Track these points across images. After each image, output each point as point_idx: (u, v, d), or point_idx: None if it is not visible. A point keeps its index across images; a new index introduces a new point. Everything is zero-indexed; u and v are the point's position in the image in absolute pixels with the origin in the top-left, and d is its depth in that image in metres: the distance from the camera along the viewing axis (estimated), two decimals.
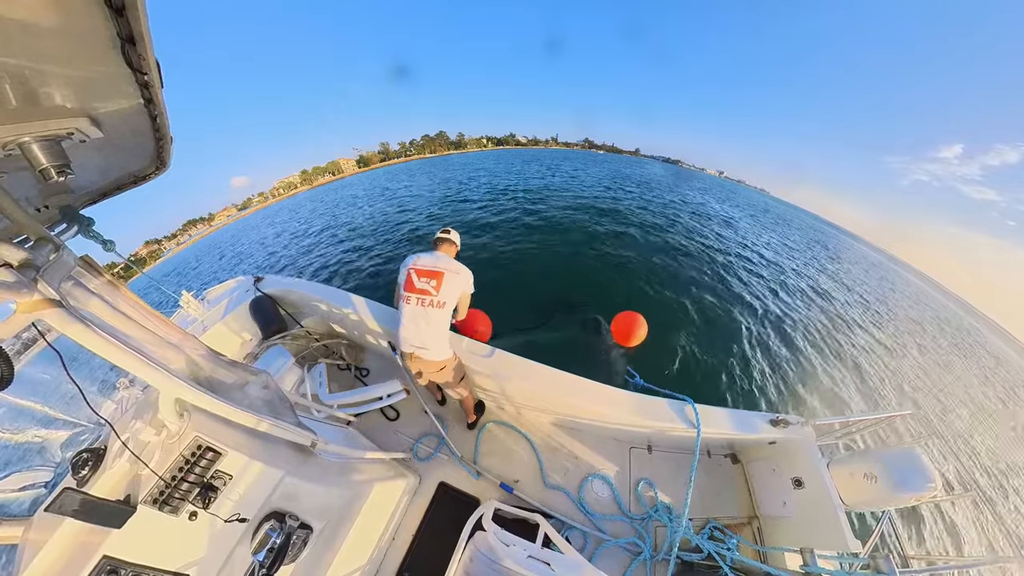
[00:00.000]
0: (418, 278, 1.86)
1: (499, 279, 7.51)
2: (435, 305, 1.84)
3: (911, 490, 1.59)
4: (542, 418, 2.52)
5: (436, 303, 1.84)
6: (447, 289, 1.85)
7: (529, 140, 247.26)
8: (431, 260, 1.90)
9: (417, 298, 1.85)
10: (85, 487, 1.15)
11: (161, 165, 1.22)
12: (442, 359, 1.94)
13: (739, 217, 23.43)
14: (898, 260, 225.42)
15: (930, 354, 13.70)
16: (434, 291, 1.84)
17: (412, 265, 1.90)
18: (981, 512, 5.81)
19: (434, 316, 1.86)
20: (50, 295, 0.75)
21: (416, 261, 1.91)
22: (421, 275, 1.86)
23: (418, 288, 1.85)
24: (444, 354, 1.94)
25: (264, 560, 1.09)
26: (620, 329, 2.76)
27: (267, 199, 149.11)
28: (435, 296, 1.84)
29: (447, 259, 1.93)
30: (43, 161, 0.66)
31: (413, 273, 1.87)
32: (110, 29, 0.54)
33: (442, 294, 1.84)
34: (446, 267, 1.87)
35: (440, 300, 1.84)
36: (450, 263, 1.91)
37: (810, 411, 6.02)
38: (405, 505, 2.09)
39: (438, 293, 1.84)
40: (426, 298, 1.84)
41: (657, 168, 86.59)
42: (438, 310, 1.85)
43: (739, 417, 2.08)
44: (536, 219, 12.20)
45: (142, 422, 1.25)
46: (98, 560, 0.97)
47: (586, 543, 2.04)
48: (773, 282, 11.28)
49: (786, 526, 2.01)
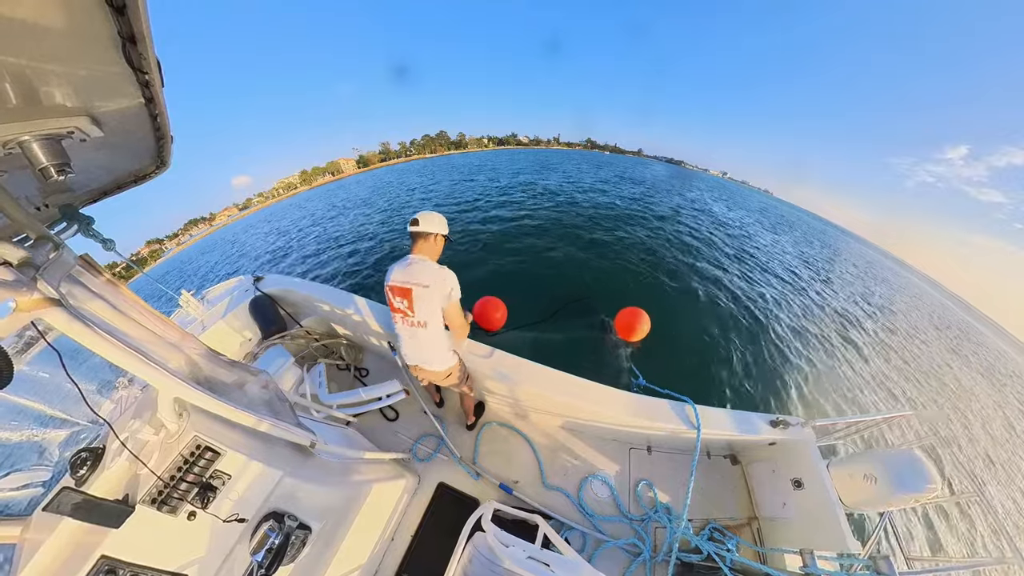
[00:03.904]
0: (394, 296, 1.68)
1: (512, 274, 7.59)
2: (417, 325, 1.69)
3: (911, 491, 1.58)
4: (541, 419, 2.52)
5: (417, 323, 1.69)
6: (421, 307, 1.64)
7: (531, 140, 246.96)
8: (402, 273, 1.65)
9: (401, 317, 1.72)
10: (83, 486, 1.14)
11: (161, 164, 1.22)
12: (446, 368, 1.89)
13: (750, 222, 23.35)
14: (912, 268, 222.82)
15: (934, 355, 13.72)
16: (409, 311, 1.66)
17: (388, 281, 1.70)
18: (981, 513, 5.80)
19: (422, 335, 1.72)
20: (50, 294, 0.75)
21: (391, 274, 1.68)
22: (395, 293, 1.67)
23: (397, 308, 1.69)
24: (447, 363, 1.88)
25: (263, 560, 1.09)
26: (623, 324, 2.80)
27: (267, 199, 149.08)
28: (412, 316, 1.67)
29: (420, 266, 1.64)
30: (43, 160, 0.66)
31: (389, 291, 1.70)
32: (111, 28, 0.54)
33: (418, 314, 1.66)
34: (415, 281, 1.62)
35: (419, 320, 1.67)
36: (421, 273, 1.62)
37: (810, 412, 6.02)
38: (404, 505, 2.08)
39: (414, 313, 1.66)
40: (406, 318, 1.70)
41: (660, 169, 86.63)
42: (422, 329, 1.70)
43: (739, 418, 2.08)
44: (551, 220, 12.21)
45: (141, 421, 1.25)
46: (96, 560, 0.97)
47: (585, 544, 2.03)
48: (782, 284, 11.29)
49: (786, 527, 2.01)
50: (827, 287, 14.76)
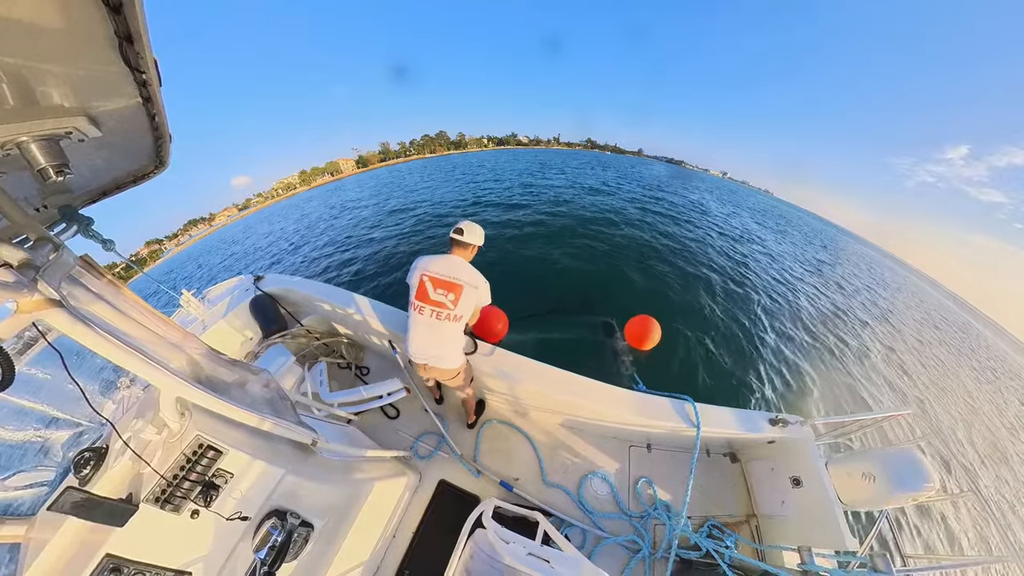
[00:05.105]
0: (434, 288, 1.70)
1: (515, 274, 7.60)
2: (451, 319, 1.73)
3: (909, 489, 1.59)
4: (542, 416, 2.53)
5: (453, 316, 1.72)
6: (465, 303, 1.72)
7: (531, 140, 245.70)
8: (447, 267, 1.73)
9: (432, 310, 1.71)
10: (87, 486, 1.15)
11: (160, 164, 1.21)
12: (456, 366, 1.89)
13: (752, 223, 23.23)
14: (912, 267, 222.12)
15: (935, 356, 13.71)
16: (451, 305, 1.70)
17: (425, 271, 1.73)
18: (978, 511, 5.82)
19: (448, 329, 1.75)
20: (50, 295, 0.75)
21: (430, 266, 1.73)
22: (437, 285, 1.70)
23: (433, 299, 1.71)
24: (458, 361, 1.89)
25: (266, 558, 1.09)
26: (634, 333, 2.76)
27: (267, 199, 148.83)
28: (452, 310, 1.71)
29: (464, 267, 1.75)
30: (41, 161, 0.66)
31: (428, 281, 1.71)
32: (108, 28, 0.54)
33: (459, 308, 1.71)
34: (467, 279, 1.71)
35: (457, 314, 1.72)
36: (470, 274, 1.74)
37: (809, 411, 6.03)
38: (406, 503, 2.10)
39: (455, 307, 1.70)
40: (442, 311, 1.71)
41: (660, 168, 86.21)
42: (454, 323, 1.74)
43: (738, 416, 2.08)
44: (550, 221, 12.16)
45: (143, 421, 1.26)
46: (101, 558, 0.98)
47: (585, 541, 2.04)
48: (783, 285, 11.28)
49: (784, 525, 2.02)
50: (829, 288, 14.75)
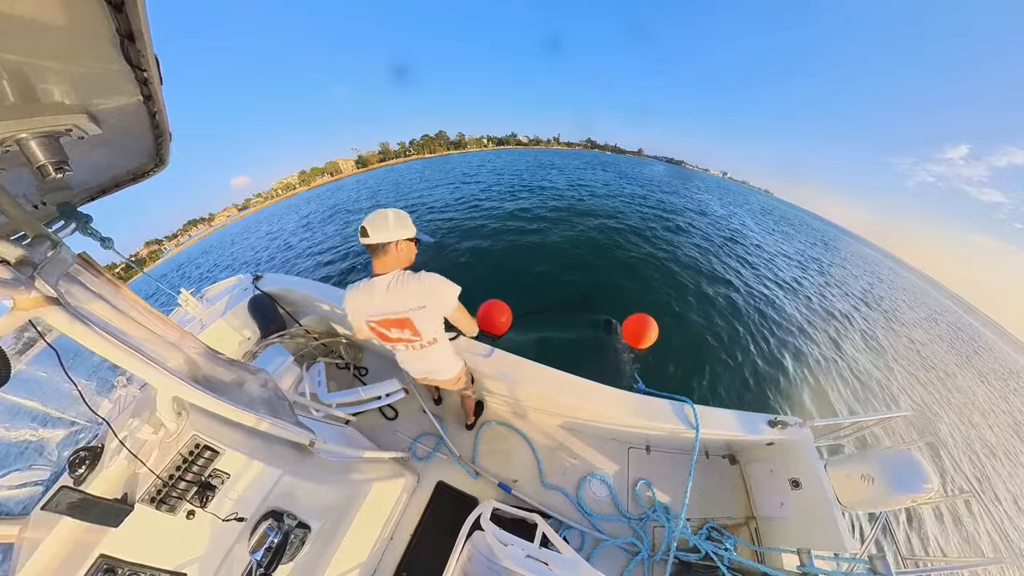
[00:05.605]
0: (387, 330, 1.49)
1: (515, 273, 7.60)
2: (428, 344, 1.57)
3: (908, 491, 1.59)
4: (540, 418, 2.52)
5: (425, 343, 1.56)
6: (426, 328, 1.48)
7: (531, 140, 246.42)
8: (382, 302, 1.39)
9: (404, 345, 1.57)
10: (82, 485, 1.14)
11: (160, 162, 1.21)
12: (456, 374, 1.86)
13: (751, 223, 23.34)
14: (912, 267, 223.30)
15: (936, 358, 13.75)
16: (415, 336, 1.50)
17: (367, 317, 1.46)
18: (978, 513, 5.82)
19: (432, 352, 1.63)
20: (48, 292, 0.74)
21: (365, 308, 1.44)
22: (388, 326, 1.47)
23: (396, 338, 1.52)
24: (454, 370, 1.83)
25: (262, 559, 1.09)
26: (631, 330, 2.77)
27: (266, 199, 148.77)
28: (420, 339, 1.53)
29: (400, 286, 1.36)
30: (41, 158, 0.65)
31: (377, 326, 1.48)
32: (109, 25, 0.54)
33: (425, 334, 1.51)
34: (410, 305, 1.39)
35: (428, 340, 1.55)
36: (409, 296, 1.38)
37: (808, 412, 6.04)
38: (403, 504, 2.09)
39: (421, 336, 1.51)
40: (412, 343, 1.55)
41: (660, 168, 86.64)
42: (433, 346, 1.60)
43: (738, 418, 2.09)
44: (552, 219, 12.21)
45: (140, 420, 1.25)
46: (95, 559, 0.97)
47: (584, 543, 2.04)
48: (783, 285, 11.31)
49: (783, 527, 2.01)
50: (830, 289, 14.79)
